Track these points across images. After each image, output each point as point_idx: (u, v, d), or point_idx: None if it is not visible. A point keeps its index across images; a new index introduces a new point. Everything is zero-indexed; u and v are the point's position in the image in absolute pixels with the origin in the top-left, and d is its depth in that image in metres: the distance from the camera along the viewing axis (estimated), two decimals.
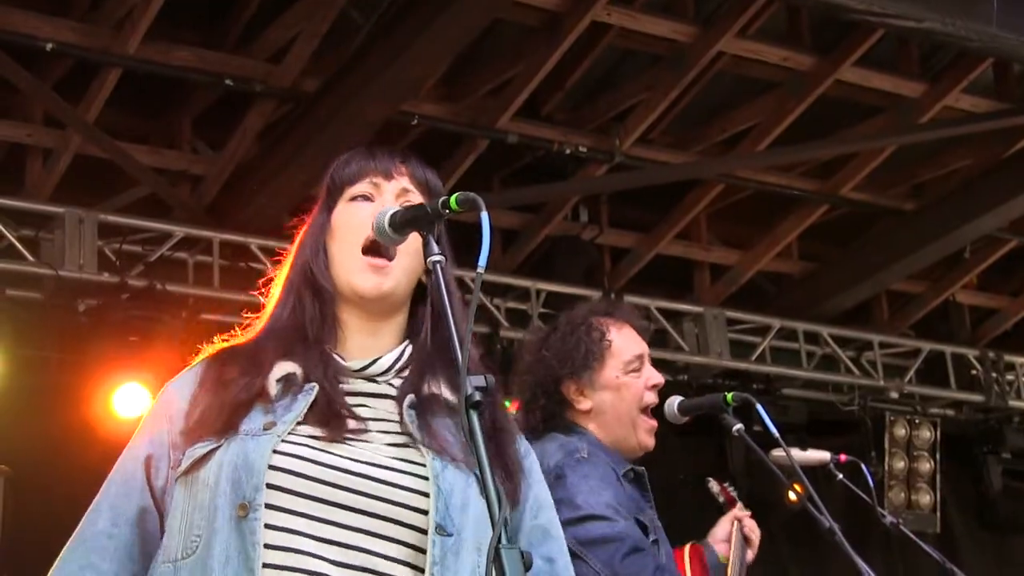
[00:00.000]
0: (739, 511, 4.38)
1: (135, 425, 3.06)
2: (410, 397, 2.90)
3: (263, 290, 3.15)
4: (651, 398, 4.63)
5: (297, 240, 3.16)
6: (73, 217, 8.27)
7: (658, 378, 4.62)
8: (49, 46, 7.66)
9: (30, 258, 8.17)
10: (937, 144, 9.39)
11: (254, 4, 7.96)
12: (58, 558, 2.90)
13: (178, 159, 8.73)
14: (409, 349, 3.03)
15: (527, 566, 2.62)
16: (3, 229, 8.12)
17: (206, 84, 8.27)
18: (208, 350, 3.06)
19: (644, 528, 4.39)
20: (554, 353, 4.77)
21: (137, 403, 7.63)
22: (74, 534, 2.91)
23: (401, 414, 2.89)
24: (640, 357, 4.63)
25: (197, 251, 8.64)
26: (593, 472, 4.47)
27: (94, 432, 7.33)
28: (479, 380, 2.61)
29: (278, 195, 8.47)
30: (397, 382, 2.98)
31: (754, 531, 3.88)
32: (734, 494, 4.05)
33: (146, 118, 8.58)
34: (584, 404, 4.69)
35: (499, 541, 2.40)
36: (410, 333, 3.06)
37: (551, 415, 4.71)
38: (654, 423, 4.59)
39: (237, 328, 3.15)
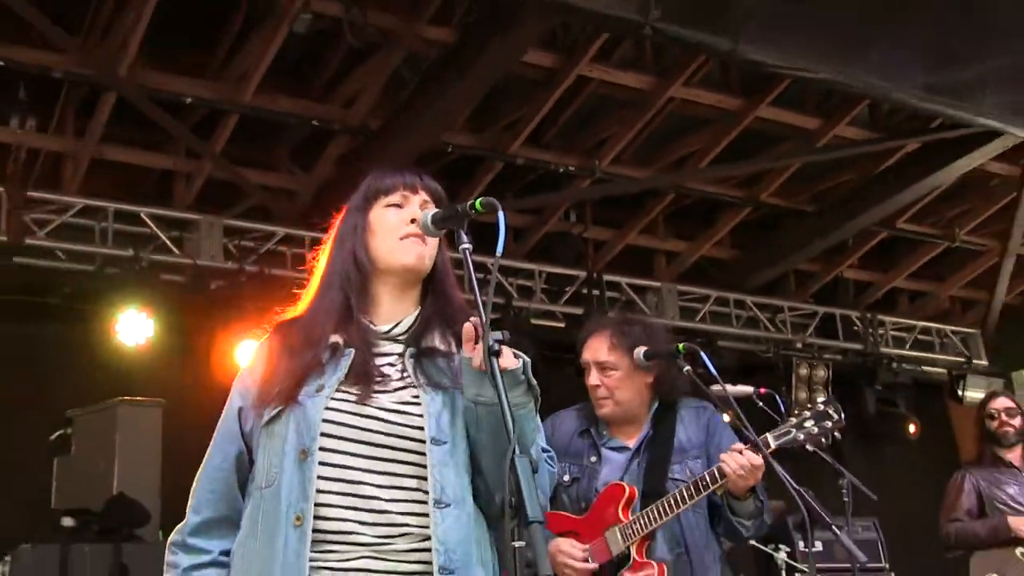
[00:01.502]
0: None
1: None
2: (411, 350, 2.96)
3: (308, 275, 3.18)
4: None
5: (332, 237, 3.12)
6: (206, 222, 8.43)
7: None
8: (188, 100, 7.76)
9: (176, 252, 8.34)
10: (829, 163, 9.51)
11: (332, 66, 8.06)
12: (195, 480, 2.96)
13: (279, 179, 8.89)
14: (419, 317, 3.06)
15: (534, 469, 2.71)
16: (157, 230, 8.25)
17: (299, 124, 8.35)
18: (271, 324, 3.11)
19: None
20: None
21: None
22: (201, 466, 2.97)
23: (404, 362, 2.95)
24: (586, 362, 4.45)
25: (293, 246, 8.71)
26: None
27: (222, 376, 7.34)
28: (497, 335, 2.68)
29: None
30: (404, 340, 3.02)
31: None
32: None
33: (256, 149, 8.62)
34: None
35: (513, 452, 2.49)
36: (421, 303, 3.10)
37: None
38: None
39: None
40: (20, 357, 7.57)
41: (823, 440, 4.29)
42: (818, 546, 7.65)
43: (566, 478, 4.29)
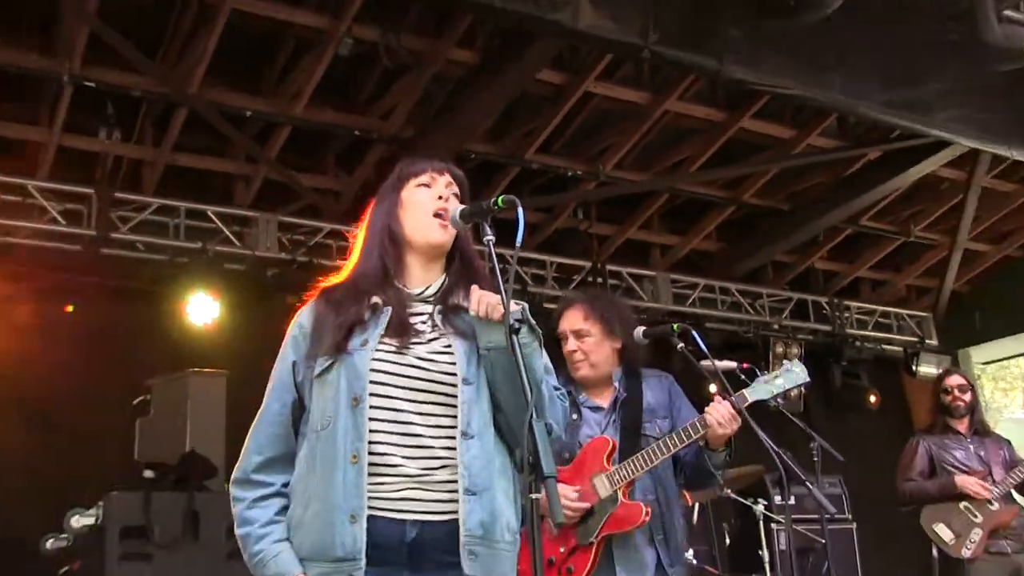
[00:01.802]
0: None
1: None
2: (439, 307, 3.03)
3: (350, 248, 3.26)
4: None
5: (369, 214, 3.19)
6: (263, 218, 8.53)
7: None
8: (248, 113, 7.88)
9: (237, 244, 8.42)
10: (803, 168, 9.53)
11: (371, 84, 8.12)
12: (253, 426, 3.01)
13: (325, 181, 8.95)
14: (445, 280, 3.13)
15: (549, 432, 2.83)
16: (221, 226, 8.34)
17: (343, 134, 8.43)
18: (318, 289, 3.14)
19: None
20: None
21: None
22: (260, 412, 3.01)
23: (434, 318, 3.03)
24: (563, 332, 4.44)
25: (338, 239, 8.72)
26: None
27: (274, 349, 7.40)
28: (516, 312, 2.79)
29: None
30: (433, 301, 3.07)
31: None
32: None
33: (306, 155, 8.71)
34: None
35: (531, 417, 2.61)
36: (446, 271, 3.14)
37: None
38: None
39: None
40: (107, 334, 7.71)
41: (792, 395, 4.41)
42: (791, 500, 7.71)
43: None
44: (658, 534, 4.18)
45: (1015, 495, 6.84)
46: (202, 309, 7.81)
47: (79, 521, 6.08)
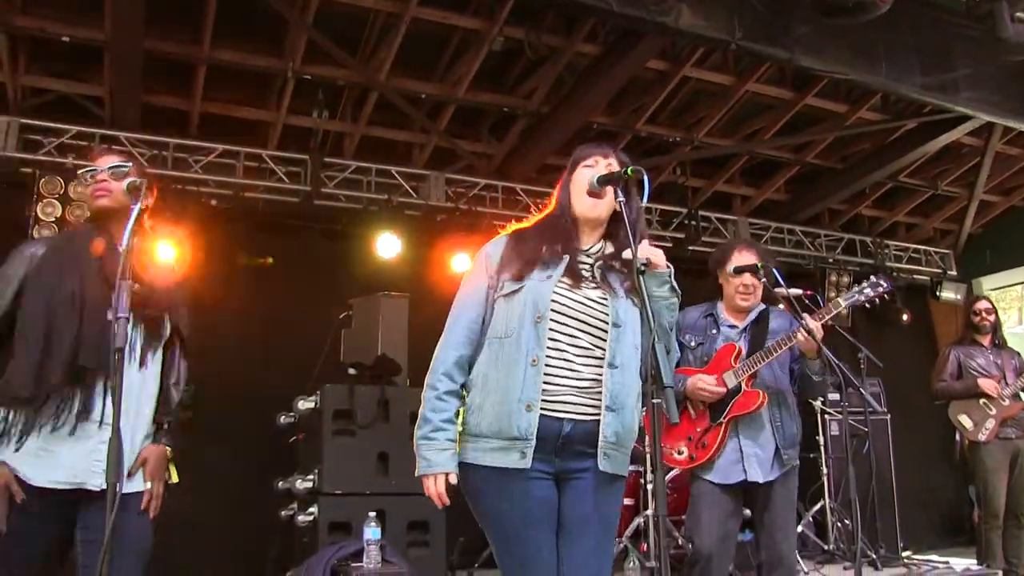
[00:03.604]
0: None
1: (463, 274, 3.16)
2: (600, 263, 3.04)
3: (533, 209, 3.26)
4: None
5: (559, 185, 3.17)
6: (434, 176, 8.56)
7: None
8: (423, 95, 7.89)
9: (415, 196, 8.42)
10: (853, 135, 9.27)
11: (517, 71, 8.04)
12: (448, 328, 3.01)
13: (481, 146, 8.89)
14: (604, 243, 3.12)
15: (668, 350, 2.82)
16: (402, 181, 8.38)
17: (494, 110, 8.37)
18: (509, 229, 3.14)
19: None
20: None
21: (464, 264, 7.70)
22: (453, 318, 3.02)
23: (594, 272, 3.01)
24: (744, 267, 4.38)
25: (491, 192, 8.74)
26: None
27: (444, 278, 7.46)
28: (643, 259, 2.80)
29: (531, 164, 8.59)
30: (595, 257, 3.08)
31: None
32: None
33: (466, 127, 8.68)
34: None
35: (653, 340, 2.63)
36: (606, 235, 3.12)
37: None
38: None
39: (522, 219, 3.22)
40: (319, 264, 7.84)
41: (843, 314, 4.44)
42: (837, 396, 7.67)
43: (693, 343, 4.43)
44: (776, 421, 4.26)
45: (1022, 395, 6.90)
46: (388, 246, 7.83)
47: (303, 405, 6.28)
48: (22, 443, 2.91)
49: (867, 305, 4.36)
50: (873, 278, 4.37)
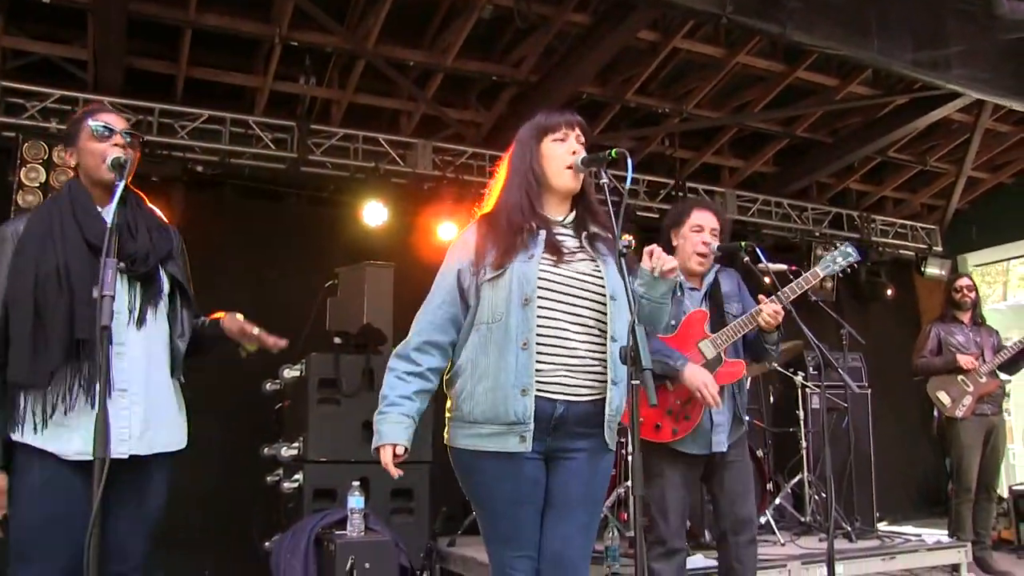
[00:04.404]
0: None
1: (450, 243, 3.15)
2: (584, 232, 3.08)
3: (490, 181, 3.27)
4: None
5: (510, 157, 3.16)
6: (421, 144, 8.55)
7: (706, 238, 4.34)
8: (411, 63, 7.86)
9: (402, 164, 8.43)
10: (843, 110, 9.28)
11: (506, 40, 8.01)
12: (419, 314, 3.03)
13: (469, 115, 8.88)
14: (575, 213, 3.14)
15: (648, 336, 2.87)
16: (389, 149, 8.38)
17: (483, 78, 8.35)
18: (476, 216, 3.14)
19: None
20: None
21: (450, 233, 7.72)
22: (424, 304, 3.05)
23: (581, 242, 3.05)
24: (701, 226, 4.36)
25: (478, 160, 8.72)
26: None
27: (430, 246, 7.46)
28: (624, 242, 2.83)
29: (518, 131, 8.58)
30: (571, 228, 3.11)
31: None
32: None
33: (454, 95, 8.65)
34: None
35: (633, 322, 2.66)
36: (574, 205, 3.15)
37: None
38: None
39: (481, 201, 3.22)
40: (306, 232, 7.86)
41: (826, 287, 4.44)
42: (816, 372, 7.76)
43: None
44: (736, 390, 4.29)
45: (998, 372, 7.06)
46: (375, 214, 7.86)
47: (289, 373, 6.34)
48: (45, 423, 2.89)
49: (840, 275, 4.43)
50: (844, 244, 4.43)
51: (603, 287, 2.97)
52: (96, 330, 2.62)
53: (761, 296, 4.19)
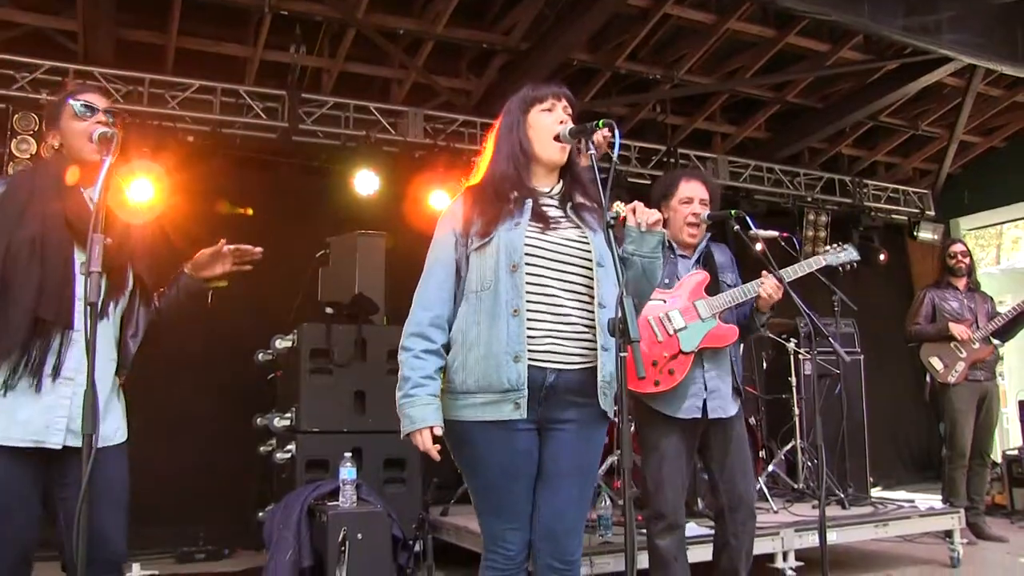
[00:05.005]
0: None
1: (439, 216, 3.11)
2: (569, 203, 3.05)
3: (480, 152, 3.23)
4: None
5: (498, 128, 3.15)
6: (412, 112, 8.52)
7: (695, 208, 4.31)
8: (401, 31, 7.81)
9: (393, 132, 8.39)
10: (835, 75, 9.24)
11: (497, 6, 7.97)
12: (420, 288, 3.00)
13: (460, 83, 8.82)
14: (562, 183, 3.12)
15: (636, 309, 2.85)
16: (380, 118, 8.33)
17: (473, 46, 8.27)
18: (464, 187, 3.12)
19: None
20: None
21: (442, 201, 7.67)
22: (424, 278, 3.00)
23: (567, 212, 3.03)
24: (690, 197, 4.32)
25: (469, 128, 8.68)
26: None
27: (422, 214, 7.40)
28: (612, 212, 2.82)
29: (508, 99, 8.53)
30: (557, 199, 3.08)
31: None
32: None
33: (445, 63, 8.59)
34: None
35: (621, 293, 2.62)
36: (562, 177, 3.13)
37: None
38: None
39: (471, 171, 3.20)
40: (297, 200, 7.80)
41: (844, 267, 4.44)
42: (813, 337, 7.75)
43: None
44: (733, 357, 4.25)
45: (991, 338, 7.04)
46: (366, 183, 7.80)
47: (281, 343, 6.33)
48: None
49: (839, 270, 4.42)
50: (841, 246, 4.41)
51: (590, 253, 2.94)
52: (68, 306, 2.55)
53: (764, 271, 4.16)
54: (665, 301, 4.18)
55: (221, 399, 7.04)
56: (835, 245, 4.58)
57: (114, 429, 3.02)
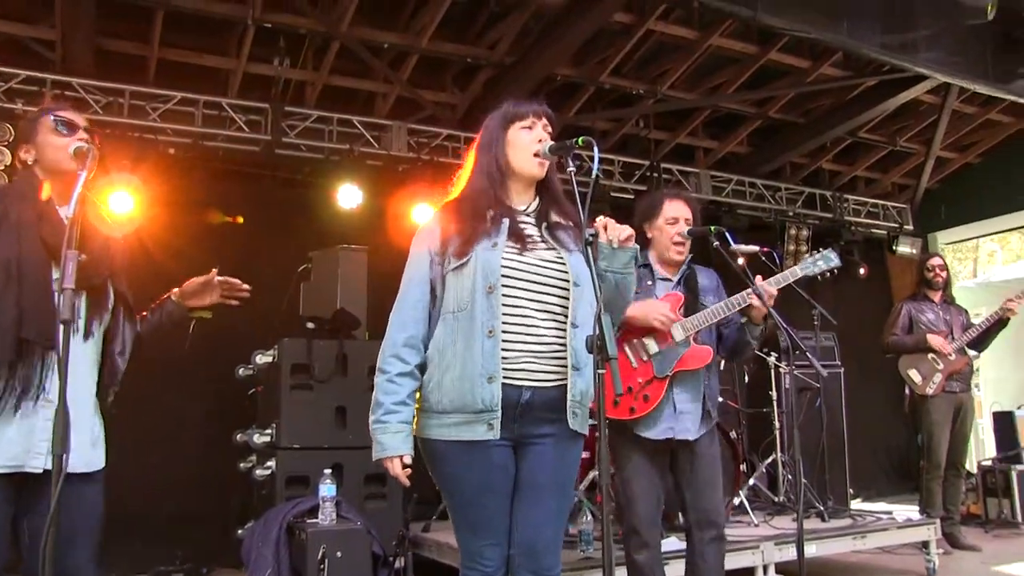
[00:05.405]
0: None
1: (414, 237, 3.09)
2: (544, 223, 3.05)
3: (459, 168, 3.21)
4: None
5: (478, 145, 3.13)
6: (396, 126, 8.45)
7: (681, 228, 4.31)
8: (385, 45, 7.78)
9: (376, 146, 8.33)
10: (815, 91, 9.28)
11: (481, 21, 7.94)
12: (395, 310, 3.00)
13: (444, 96, 8.80)
14: (539, 201, 3.11)
15: (615, 326, 2.82)
16: (364, 131, 8.27)
17: (458, 60, 8.26)
18: (440, 205, 3.12)
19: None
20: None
21: (426, 215, 7.57)
22: (400, 299, 2.99)
23: (542, 232, 3.02)
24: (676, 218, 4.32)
25: (453, 142, 8.65)
26: None
27: (405, 230, 7.34)
28: (591, 230, 2.83)
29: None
30: (533, 217, 3.07)
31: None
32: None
33: (429, 77, 8.54)
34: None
35: (599, 311, 2.61)
36: (538, 194, 3.12)
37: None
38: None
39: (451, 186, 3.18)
40: (279, 214, 7.72)
41: (826, 274, 4.43)
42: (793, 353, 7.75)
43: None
44: (705, 380, 4.20)
45: (967, 350, 7.16)
46: (349, 197, 7.73)
47: (262, 358, 6.27)
48: None
49: (819, 277, 4.41)
50: (825, 252, 4.40)
51: (566, 273, 2.94)
52: (50, 326, 2.52)
53: (759, 276, 4.14)
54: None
55: (201, 415, 6.97)
56: (812, 253, 4.57)
57: (94, 454, 2.96)
